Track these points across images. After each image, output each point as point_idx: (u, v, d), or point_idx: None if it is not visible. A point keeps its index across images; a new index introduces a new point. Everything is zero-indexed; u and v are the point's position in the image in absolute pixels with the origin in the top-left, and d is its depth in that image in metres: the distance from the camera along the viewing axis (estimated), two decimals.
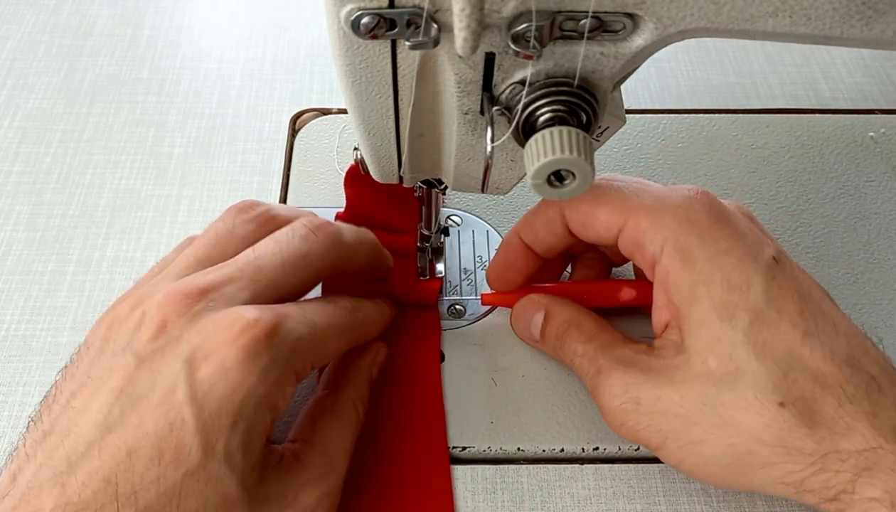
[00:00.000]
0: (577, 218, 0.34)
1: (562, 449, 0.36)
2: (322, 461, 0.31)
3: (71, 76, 0.52)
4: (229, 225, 0.33)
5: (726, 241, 0.31)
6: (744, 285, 0.30)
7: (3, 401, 0.38)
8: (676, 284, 0.31)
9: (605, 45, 0.26)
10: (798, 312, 0.30)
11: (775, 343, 0.29)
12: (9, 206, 0.45)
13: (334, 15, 0.25)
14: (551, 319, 0.36)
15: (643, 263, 0.32)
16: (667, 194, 0.32)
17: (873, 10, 0.24)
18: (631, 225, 0.32)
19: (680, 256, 0.31)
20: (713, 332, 0.30)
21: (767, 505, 0.34)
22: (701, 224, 0.31)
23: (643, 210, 0.32)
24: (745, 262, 0.30)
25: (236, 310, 0.29)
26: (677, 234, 0.31)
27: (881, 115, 0.50)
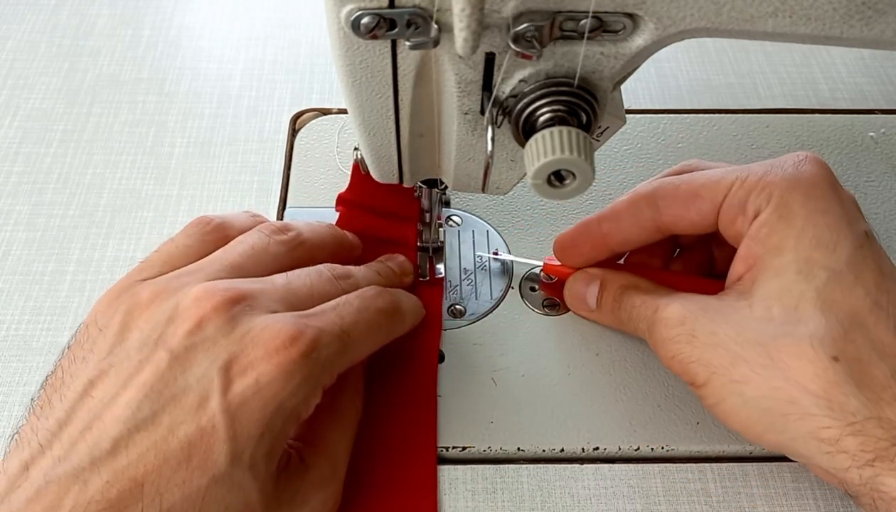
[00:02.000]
0: (676, 201, 0.34)
1: (562, 449, 0.36)
2: (326, 464, 0.31)
3: (71, 76, 0.52)
4: (265, 242, 0.34)
5: (828, 201, 0.31)
6: (831, 245, 0.30)
7: (3, 401, 0.38)
8: (768, 236, 0.31)
9: (605, 45, 0.26)
10: (874, 284, 0.30)
11: (844, 304, 0.29)
12: (9, 206, 0.45)
13: (334, 15, 0.25)
14: (607, 285, 0.37)
15: (743, 224, 0.32)
16: (776, 160, 0.33)
17: (873, 10, 0.24)
18: (736, 187, 0.32)
19: (781, 212, 0.31)
20: (787, 282, 0.30)
21: (768, 505, 0.34)
22: (808, 182, 0.32)
23: (750, 173, 0.32)
24: (840, 224, 0.31)
25: (275, 322, 0.29)
26: (783, 190, 0.31)
27: (881, 115, 0.50)
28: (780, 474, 0.35)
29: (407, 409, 0.36)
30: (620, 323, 0.36)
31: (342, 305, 0.32)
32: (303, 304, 0.31)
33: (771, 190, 0.32)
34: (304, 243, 0.35)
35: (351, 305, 0.32)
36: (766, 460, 0.36)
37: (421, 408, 0.36)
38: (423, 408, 0.36)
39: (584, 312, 0.39)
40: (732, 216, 0.33)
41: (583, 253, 0.38)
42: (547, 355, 0.38)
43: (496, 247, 0.43)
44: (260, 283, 0.31)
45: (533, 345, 0.39)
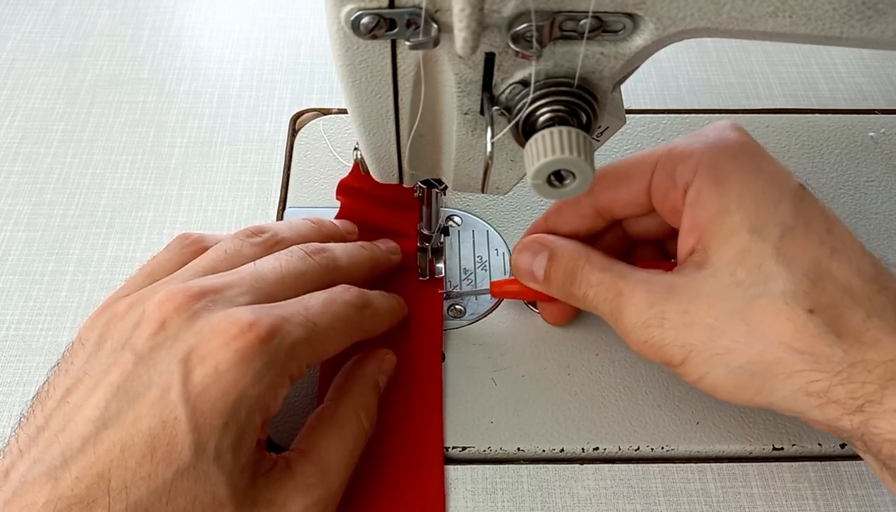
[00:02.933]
0: (607, 183, 0.34)
1: (562, 449, 0.36)
2: (313, 471, 0.31)
3: (71, 76, 0.52)
4: (238, 245, 0.34)
5: (757, 160, 0.31)
6: (774, 201, 0.30)
7: (3, 401, 0.38)
8: (707, 201, 0.31)
9: (605, 45, 0.26)
10: (826, 231, 0.30)
11: (804, 255, 0.29)
12: (9, 206, 0.45)
13: (334, 15, 0.25)
14: (556, 257, 0.35)
15: (676, 197, 0.32)
16: (696, 132, 0.33)
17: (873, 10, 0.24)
18: (662, 161, 0.33)
19: (712, 176, 0.31)
20: (743, 243, 0.30)
21: (768, 505, 0.34)
22: (733, 146, 0.32)
23: (673, 147, 0.33)
24: (776, 181, 0.31)
25: (234, 312, 0.29)
26: (710, 156, 0.31)
27: (881, 115, 0.50)
28: (780, 474, 0.35)
29: (413, 410, 0.36)
30: (572, 298, 0.35)
31: (308, 298, 0.32)
32: (272, 288, 0.31)
33: (697, 157, 0.32)
34: (280, 242, 0.35)
35: (317, 298, 0.32)
36: (766, 460, 0.36)
37: (426, 409, 0.36)
38: (429, 409, 0.36)
39: (531, 284, 0.36)
40: (664, 190, 0.33)
41: None
42: (547, 355, 0.38)
43: (496, 247, 0.43)
44: (226, 276, 0.31)
45: (533, 345, 0.39)
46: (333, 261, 0.35)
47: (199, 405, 0.27)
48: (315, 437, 0.32)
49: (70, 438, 0.27)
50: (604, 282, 0.33)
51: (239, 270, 0.32)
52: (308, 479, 0.30)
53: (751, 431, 0.36)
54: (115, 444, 0.26)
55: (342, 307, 0.33)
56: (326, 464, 0.31)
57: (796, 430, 0.36)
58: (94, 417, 0.27)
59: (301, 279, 0.33)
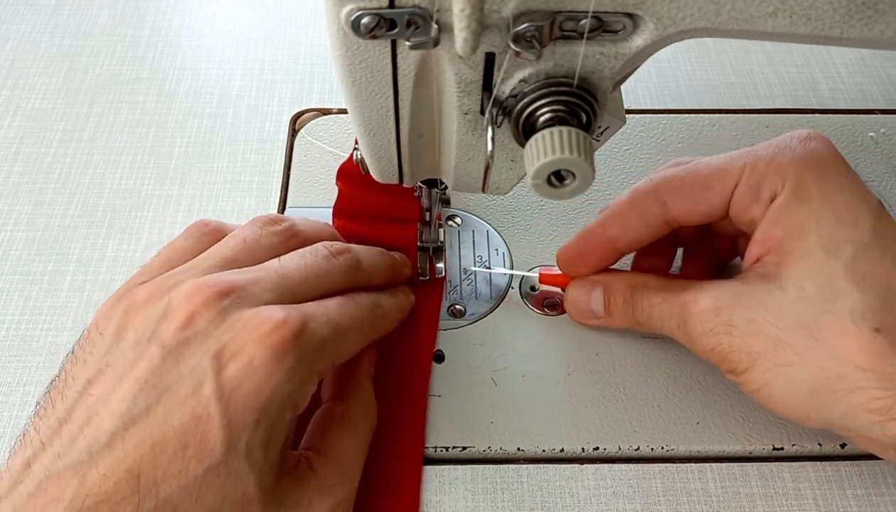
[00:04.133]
0: (684, 196, 0.34)
1: (562, 449, 0.36)
2: (335, 471, 0.31)
3: (71, 76, 0.52)
4: (257, 234, 0.34)
5: (841, 178, 0.31)
6: (853, 221, 0.30)
7: (3, 401, 0.38)
8: (787, 218, 0.31)
9: (605, 45, 0.26)
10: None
11: (876, 276, 0.30)
12: (9, 206, 0.45)
13: (334, 15, 0.25)
14: (612, 289, 0.36)
15: (758, 210, 0.32)
16: (780, 141, 0.33)
17: (873, 10, 0.24)
18: (747, 174, 0.32)
19: (797, 194, 0.31)
20: (815, 263, 0.30)
21: (768, 505, 0.34)
22: (818, 160, 0.32)
23: (759, 158, 0.32)
24: (857, 199, 0.31)
25: (265, 309, 0.29)
26: (798, 171, 0.31)
27: (881, 115, 0.50)
28: (780, 474, 0.35)
29: (396, 408, 0.36)
30: (637, 324, 0.36)
31: (325, 301, 0.32)
32: (297, 287, 0.31)
33: (784, 173, 0.31)
34: (298, 234, 0.35)
35: (332, 300, 0.32)
36: (766, 460, 0.36)
37: (410, 407, 0.36)
38: (412, 407, 0.36)
39: (591, 322, 0.38)
40: (746, 204, 0.32)
41: (590, 262, 0.37)
42: (547, 355, 0.38)
43: (496, 247, 0.43)
44: (251, 272, 0.31)
45: (533, 345, 0.39)
46: (357, 263, 0.35)
47: (233, 401, 0.27)
48: (331, 437, 0.32)
49: (96, 432, 0.26)
50: (667, 299, 0.34)
51: (265, 266, 0.32)
52: (330, 480, 0.31)
53: (751, 431, 0.36)
54: (144, 440, 0.26)
55: (357, 309, 0.33)
56: (346, 464, 0.32)
57: (796, 430, 0.36)
58: (122, 412, 0.27)
59: (325, 279, 0.33)
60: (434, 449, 0.35)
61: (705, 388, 0.37)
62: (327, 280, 0.33)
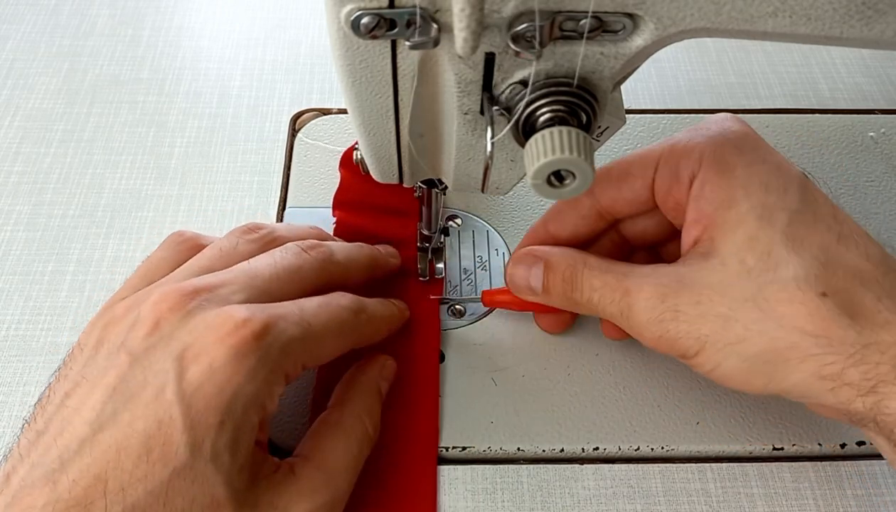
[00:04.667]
0: (609, 185, 0.34)
1: (562, 449, 0.36)
2: (317, 475, 0.31)
3: (71, 76, 0.52)
4: (233, 242, 0.34)
5: (760, 151, 0.32)
6: (781, 188, 0.30)
7: (4, 401, 0.38)
8: (713, 192, 0.31)
9: (605, 45, 0.26)
10: (832, 216, 0.30)
11: (813, 240, 0.29)
12: (9, 206, 0.45)
13: (334, 15, 0.25)
14: (552, 266, 0.35)
15: (680, 193, 0.32)
16: (695, 126, 0.33)
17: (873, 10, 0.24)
18: (664, 158, 0.32)
19: (717, 167, 0.31)
20: (751, 231, 0.30)
21: (768, 505, 0.34)
22: (736, 136, 0.32)
23: (675, 142, 0.33)
24: (782, 169, 0.31)
25: (227, 309, 0.29)
26: (713, 148, 0.31)
27: (881, 115, 0.50)
28: (780, 474, 0.35)
29: (408, 411, 0.36)
30: (575, 305, 0.34)
31: (303, 300, 0.32)
32: (268, 285, 0.31)
33: (700, 150, 0.32)
34: (276, 239, 0.35)
35: (312, 300, 0.32)
36: (766, 460, 0.36)
37: (422, 410, 0.36)
38: (425, 412, 0.36)
39: (529, 297, 0.36)
40: (667, 186, 0.33)
41: None
42: (547, 355, 0.38)
43: (496, 247, 0.43)
44: (220, 274, 0.31)
45: (533, 345, 0.39)
46: (330, 256, 0.35)
47: (194, 403, 0.27)
48: (320, 442, 0.32)
49: (67, 440, 0.27)
50: (608, 283, 0.33)
51: (232, 269, 0.32)
52: (312, 483, 0.30)
53: (751, 431, 0.36)
54: (111, 445, 0.26)
55: (337, 310, 0.32)
56: (331, 469, 0.31)
57: (796, 430, 0.36)
58: (91, 419, 0.27)
59: (297, 274, 0.33)
60: None
61: (705, 388, 0.37)
62: (298, 276, 0.33)
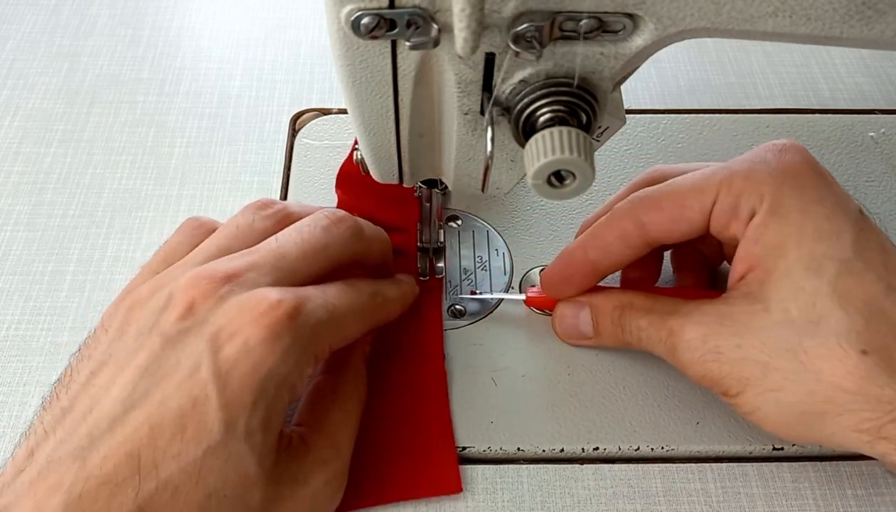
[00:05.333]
0: (663, 219, 0.33)
1: (562, 449, 0.36)
2: (327, 444, 0.31)
3: (71, 76, 0.52)
4: (249, 219, 0.34)
5: (819, 190, 0.31)
6: (833, 235, 0.30)
7: (3, 401, 0.38)
8: (766, 236, 0.31)
9: (605, 46, 0.26)
10: (883, 265, 0.30)
11: (859, 293, 0.29)
12: (9, 206, 0.45)
13: (334, 15, 0.25)
14: (600, 310, 0.36)
15: (738, 227, 0.32)
16: (756, 155, 0.32)
17: (873, 10, 0.24)
18: (724, 193, 0.32)
19: (775, 209, 0.31)
20: (798, 282, 0.30)
21: (768, 505, 0.34)
22: (795, 173, 0.31)
23: (735, 176, 0.32)
24: (836, 212, 0.31)
25: (260, 291, 0.29)
26: (773, 186, 0.31)
27: (881, 115, 0.50)
28: (780, 474, 0.35)
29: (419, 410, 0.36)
30: (627, 345, 0.35)
31: (323, 286, 0.32)
32: (294, 266, 0.31)
33: (761, 189, 0.31)
34: (291, 215, 0.35)
35: (332, 285, 0.32)
36: (766, 460, 0.36)
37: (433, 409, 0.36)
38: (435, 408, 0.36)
39: (582, 342, 0.38)
40: (725, 222, 0.32)
41: (573, 285, 0.37)
42: (547, 355, 0.38)
43: (496, 247, 0.43)
44: (247, 255, 0.31)
45: (533, 345, 0.39)
46: (359, 231, 0.34)
47: (230, 381, 0.27)
48: (322, 412, 0.32)
49: (97, 418, 0.27)
50: (653, 323, 0.33)
51: (259, 249, 0.32)
52: (324, 453, 0.31)
53: (751, 431, 0.36)
54: (143, 423, 0.26)
55: (357, 295, 0.33)
56: (338, 438, 0.32)
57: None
58: (122, 398, 0.27)
59: (323, 252, 0.33)
60: None
61: (705, 388, 0.37)
62: (325, 254, 0.33)
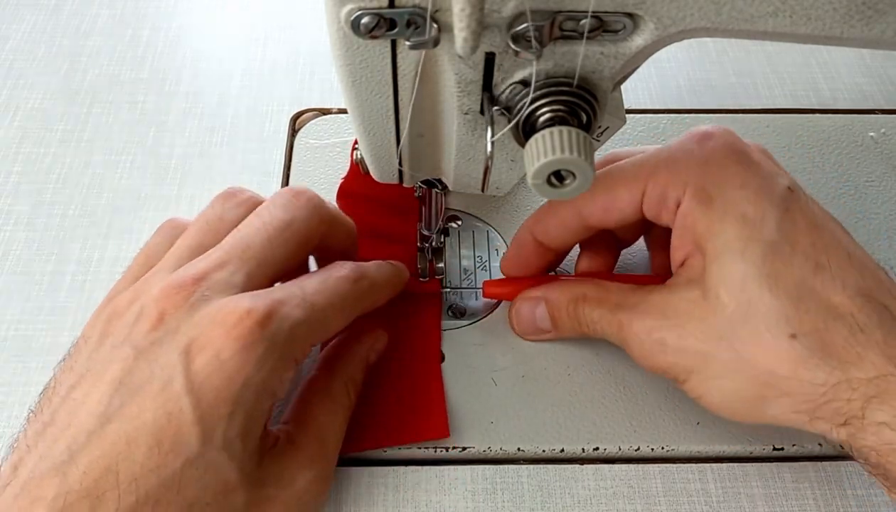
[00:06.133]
0: (596, 207, 0.34)
1: (562, 449, 0.36)
2: (314, 443, 0.31)
3: (71, 76, 0.52)
4: (218, 211, 0.34)
5: (741, 175, 0.31)
6: (758, 218, 0.30)
7: (3, 401, 0.38)
8: (694, 223, 0.31)
9: (605, 45, 0.26)
10: (811, 245, 0.30)
11: (787, 275, 0.29)
12: (9, 206, 0.45)
13: (334, 15, 0.25)
14: (555, 304, 0.36)
15: (668, 216, 0.33)
16: (681, 144, 0.33)
17: (873, 10, 0.24)
18: (651, 185, 0.32)
19: (699, 198, 0.31)
20: (726, 266, 0.30)
21: (768, 505, 0.34)
22: (717, 163, 0.32)
23: (660, 167, 0.32)
24: (760, 195, 0.31)
25: (230, 300, 0.29)
26: (696, 176, 0.31)
27: (881, 115, 0.50)
28: (780, 474, 0.35)
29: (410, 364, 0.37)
30: (586, 335, 0.36)
31: (303, 278, 0.32)
32: (263, 254, 0.31)
33: (684, 178, 0.32)
34: (260, 202, 0.34)
35: (312, 277, 0.32)
36: (766, 460, 0.36)
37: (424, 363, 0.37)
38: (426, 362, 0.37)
39: (542, 337, 0.38)
40: (656, 212, 0.33)
41: (530, 266, 0.38)
42: (547, 355, 0.38)
43: (496, 247, 0.43)
44: (213, 255, 0.31)
45: (533, 345, 0.39)
46: (319, 202, 0.34)
47: (204, 395, 0.27)
48: (311, 409, 0.32)
49: (75, 432, 0.27)
50: (604, 317, 0.34)
51: (223, 245, 0.31)
52: (310, 452, 0.31)
53: (751, 431, 0.36)
54: (120, 437, 0.26)
55: (338, 283, 0.32)
56: (325, 437, 0.32)
57: (796, 430, 0.36)
58: (98, 412, 0.27)
59: (289, 230, 0.32)
60: (434, 449, 0.35)
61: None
62: (291, 231, 0.32)
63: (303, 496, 0.30)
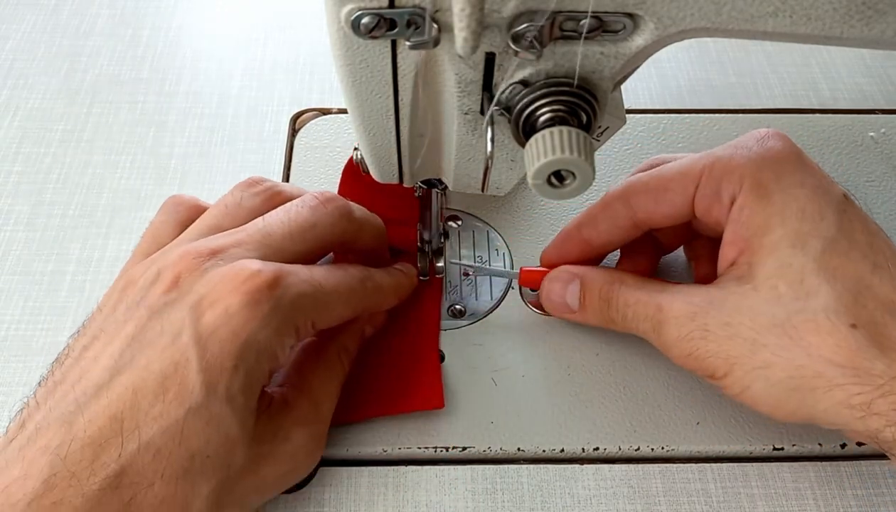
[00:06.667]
0: (648, 199, 0.34)
1: (562, 449, 0.36)
2: (308, 404, 0.32)
3: (71, 76, 0.52)
4: (237, 198, 0.34)
5: (800, 174, 0.31)
6: (817, 215, 0.30)
7: (3, 401, 0.38)
8: (750, 217, 0.31)
9: (605, 45, 0.26)
10: (868, 245, 0.30)
11: (846, 270, 0.30)
12: (9, 206, 0.45)
13: (334, 15, 0.25)
14: (589, 284, 0.36)
15: (720, 211, 0.32)
16: (739, 142, 0.33)
17: (873, 10, 0.24)
18: (705, 179, 0.32)
19: (756, 192, 0.31)
20: (784, 258, 0.30)
21: (768, 505, 0.34)
22: (776, 158, 0.32)
23: (717, 160, 0.32)
24: (819, 194, 0.31)
25: (242, 262, 0.30)
26: (754, 170, 0.31)
27: (881, 115, 0.50)
28: (780, 474, 0.35)
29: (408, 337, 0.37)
30: (611, 322, 0.35)
31: (312, 266, 0.33)
32: (281, 244, 0.32)
33: (741, 172, 0.32)
34: (280, 193, 0.35)
35: (320, 266, 0.33)
36: (766, 460, 0.36)
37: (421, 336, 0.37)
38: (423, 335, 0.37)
39: (565, 315, 0.37)
40: (708, 206, 0.33)
41: (570, 260, 0.38)
42: (547, 355, 0.38)
43: (496, 247, 0.43)
44: (234, 234, 0.32)
45: (533, 345, 0.39)
46: (348, 212, 0.35)
47: (210, 345, 0.28)
48: (305, 372, 0.33)
49: (85, 386, 0.28)
50: (641, 300, 0.34)
51: (245, 228, 0.32)
52: (305, 411, 0.32)
53: (751, 431, 0.36)
54: (127, 387, 0.27)
55: (345, 276, 0.33)
56: (319, 399, 0.33)
57: (796, 430, 0.36)
58: (109, 366, 0.28)
59: (311, 231, 0.33)
60: (434, 449, 0.35)
61: (705, 388, 0.37)
62: (312, 233, 0.33)
63: (296, 454, 0.31)
